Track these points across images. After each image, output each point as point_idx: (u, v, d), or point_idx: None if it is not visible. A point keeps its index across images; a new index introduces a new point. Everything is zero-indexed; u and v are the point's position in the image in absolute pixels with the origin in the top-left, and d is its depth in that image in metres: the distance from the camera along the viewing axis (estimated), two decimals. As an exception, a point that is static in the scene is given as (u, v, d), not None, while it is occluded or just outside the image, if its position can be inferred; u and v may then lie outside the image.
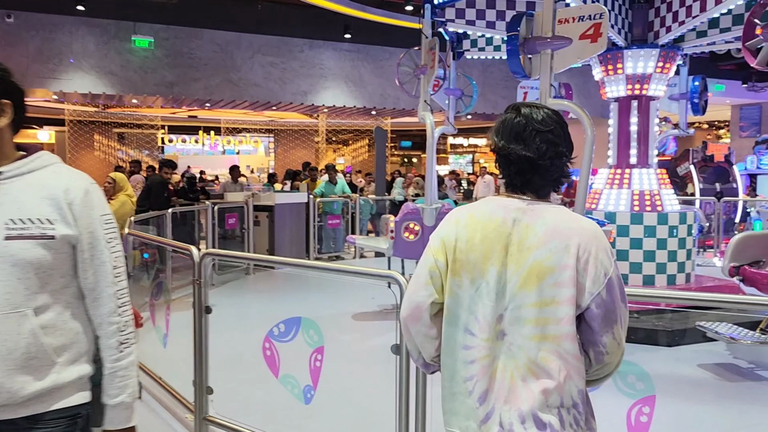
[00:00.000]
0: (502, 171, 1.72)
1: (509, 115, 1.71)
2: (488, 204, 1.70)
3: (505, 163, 1.70)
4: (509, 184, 1.71)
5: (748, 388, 4.63)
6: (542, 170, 1.66)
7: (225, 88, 13.47)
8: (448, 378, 1.68)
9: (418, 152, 36.04)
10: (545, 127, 1.65)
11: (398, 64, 7.60)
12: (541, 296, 1.56)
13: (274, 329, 3.34)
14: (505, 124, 1.70)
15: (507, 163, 1.69)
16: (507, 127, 1.69)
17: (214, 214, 8.90)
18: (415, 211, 6.87)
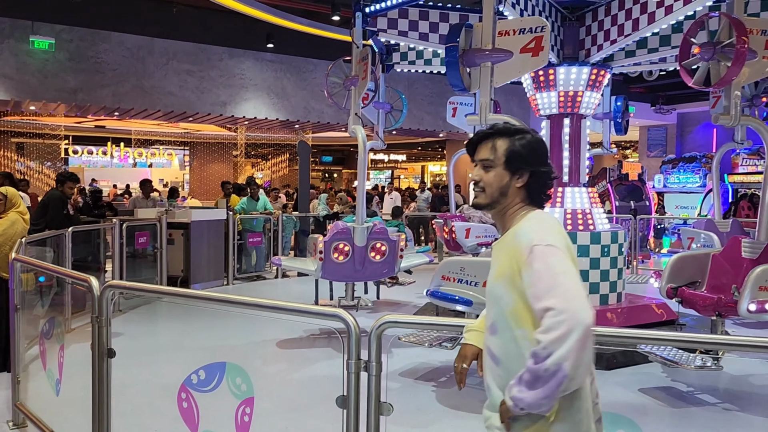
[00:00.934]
0: (541, 190, 1.91)
1: (534, 136, 1.92)
2: (550, 215, 1.92)
3: (547, 183, 1.92)
4: (543, 200, 1.92)
5: (694, 415, 4.50)
6: (548, 186, 1.94)
7: (135, 96, 12.55)
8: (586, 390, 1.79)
9: (339, 167, 35.76)
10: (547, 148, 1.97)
11: (327, 75, 7.19)
12: None
13: (192, 376, 2.81)
14: (535, 144, 1.90)
15: (548, 182, 1.91)
16: (538, 147, 1.91)
17: (122, 233, 8.11)
18: (345, 231, 6.45)
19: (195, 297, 2.80)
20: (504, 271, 1.80)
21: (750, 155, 15.52)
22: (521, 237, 1.77)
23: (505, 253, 1.82)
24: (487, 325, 1.90)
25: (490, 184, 1.89)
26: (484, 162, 1.91)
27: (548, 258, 1.67)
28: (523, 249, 1.72)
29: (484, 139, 1.93)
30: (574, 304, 1.59)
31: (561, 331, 1.56)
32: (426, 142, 26.76)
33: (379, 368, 2.35)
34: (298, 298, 8.91)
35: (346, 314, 2.35)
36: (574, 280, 1.65)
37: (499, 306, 1.82)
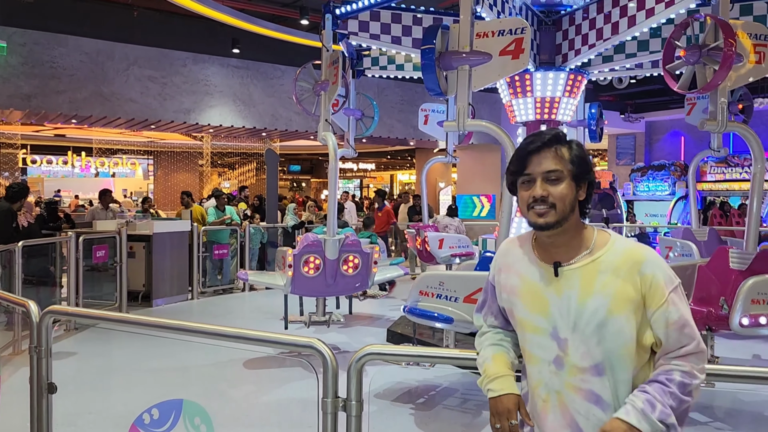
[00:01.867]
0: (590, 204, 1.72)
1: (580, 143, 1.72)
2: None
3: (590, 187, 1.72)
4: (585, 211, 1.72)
5: None
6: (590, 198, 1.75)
7: (95, 103, 12.00)
8: None
9: (307, 176, 35.33)
10: None
11: (295, 80, 6.86)
12: None
13: (144, 416, 2.44)
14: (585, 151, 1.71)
15: (590, 188, 1.72)
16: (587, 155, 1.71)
17: (78, 246, 7.62)
18: (316, 243, 6.11)
19: (148, 325, 2.44)
20: (627, 305, 1.58)
21: (718, 163, 15.67)
22: (656, 270, 1.60)
23: (625, 283, 1.59)
24: (583, 366, 1.60)
25: (562, 199, 1.63)
26: (550, 174, 1.64)
27: (684, 298, 1.64)
28: (662, 285, 1.59)
29: (545, 147, 1.66)
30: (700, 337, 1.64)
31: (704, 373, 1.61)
32: (395, 150, 26.56)
33: (360, 408, 2.04)
34: (266, 313, 8.53)
35: (321, 345, 2.03)
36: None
37: (616, 342, 1.58)
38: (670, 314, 1.56)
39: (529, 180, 1.67)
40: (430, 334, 6.31)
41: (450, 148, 9.12)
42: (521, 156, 1.68)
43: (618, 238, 1.66)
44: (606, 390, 1.58)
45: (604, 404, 1.58)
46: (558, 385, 1.63)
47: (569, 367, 1.61)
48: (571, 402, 1.61)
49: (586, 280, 1.61)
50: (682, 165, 17.23)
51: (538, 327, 1.66)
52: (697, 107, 7.64)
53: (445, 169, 21.67)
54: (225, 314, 8.77)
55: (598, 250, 1.63)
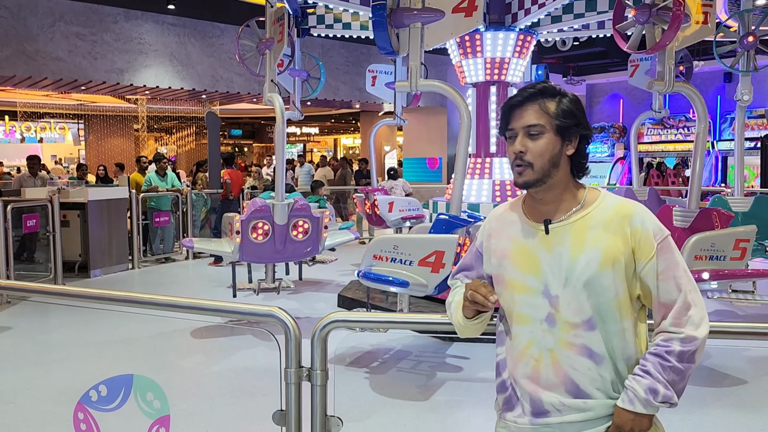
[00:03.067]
0: (586, 159, 1.66)
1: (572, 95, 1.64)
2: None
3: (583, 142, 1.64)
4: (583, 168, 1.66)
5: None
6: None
7: (18, 62, 11.18)
8: None
9: (249, 141, 34.50)
10: None
11: (238, 37, 6.55)
12: None
13: (91, 393, 2.29)
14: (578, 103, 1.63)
15: (584, 143, 1.65)
16: (581, 108, 1.64)
17: (6, 215, 7.17)
18: (264, 209, 5.93)
19: (93, 297, 2.26)
20: (616, 258, 1.55)
21: (655, 125, 16.17)
22: (645, 223, 1.57)
23: (614, 238, 1.56)
24: (573, 320, 1.58)
25: (541, 155, 1.58)
26: (530, 129, 1.59)
27: (675, 248, 1.59)
28: (650, 237, 1.56)
29: (528, 101, 1.60)
30: (699, 294, 1.59)
31: (706, 327, 1.55)
32: (340, 114, 26.19)
33: (325, 377, 1.96)
34: (213, 281, 8.32)
35: (283, 314, 1.93)
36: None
37: (603, 297, 1.56)
38: (658, 266, 1.55)
39: (512, 135, 1.63)
40: (383, 299, 6.29)
41: (398, 110, 9.00)
42: (504, 110, 1.65)
43: (608, 194, 1.64)
44: (599, 343, 1.57)
45: (598, 357, 1.58)
46: (551, 343, 1.60)
47: (561, 324, 1.59)
48: (566, 358, 1.59)
49: (577, 235, 1.58)
50: (621, 127, 17.72)
51: (529, 287, 1.62)
52: (640, 69, 7.78)
53: (390, 132, 21.53)
54: (169, 284, 8.51)
55: (589, 206, 1.60)
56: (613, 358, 1.58)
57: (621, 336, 1.58)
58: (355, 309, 6.30)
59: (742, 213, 6.42)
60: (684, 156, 15.72)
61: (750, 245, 4.75)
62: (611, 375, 1.58)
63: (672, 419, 3.87)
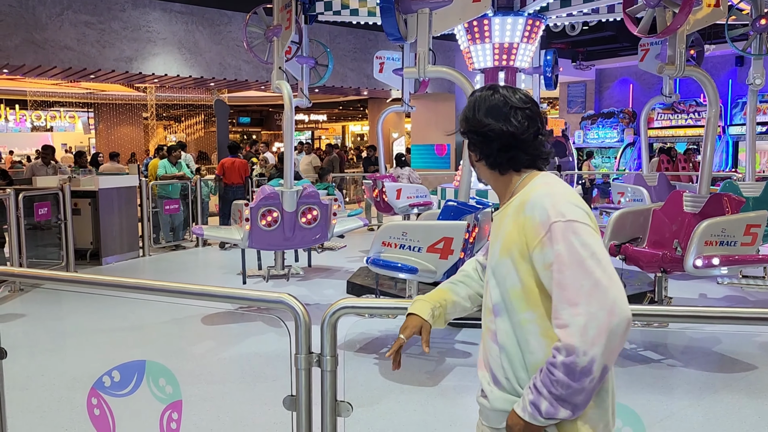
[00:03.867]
0: (483, 150, 1.64)
1: (484, 93, 1.65)
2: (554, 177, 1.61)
3: (484, 141, 1.62)
4: (494, 163, 1.63)
5: (641, 373, 4.43)
6: (526, 146, 1.60)
7: (27, 51, 11.21)
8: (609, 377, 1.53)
9: (258, 129, 34.50)
10: (524, 105, 1.61)
11: (246, 25, 6.54)
12: None
13: (104, 378, 2.33)
14: (480, 101, 1.63)
15: (487, 141, 1.62)
16: (484, 105, 1.62)
17: (18, 204, 7.23)
18: (273, 196, 5.96)
19: (106, 284, 2.29)
20: (511, 248, 1.53)
21: (665, 110, 16.01)
22: (534, 210, 1.48)
23: (513, 226, 1.54)
24: (488, 305, 1.62)
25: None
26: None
27: (571, 237, 1.41)
28: (537, 225, 1.46)
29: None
30: (611, 294, 1.37)
31: (597, 331, 1.35)
32: (347, 101, 26.11)
33: (335, 362, 1.97)
34: (223, 268, 8.37)
35: (293, 300, 1.94)
36: (605, 262, 1.40)
37: (504, 286, 1.56)
38: (545, 256, 1.44)
39: None
40: (392, 285, 6.31)
41: (406, 97, 8.97)
42: None
43: (537, 180, 1.58)
44: (503, 332, 1.56)
45: (500, 345, 1.56)
46: (483, 325, 1.68)
47: (484, 308, 1.67)
48: (486, 341, 1.63)
49: (498, 223, 1.63)
50: (631, 112, 17.56)
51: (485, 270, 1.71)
52: (650, 53, 7.68)
53: (398, 119, 21.47)
54: (180, 271, 8.57)
55: (516, 194, 1.62)
56: (515, 348, 1.53)
57: (522, 327, 1.53)
58: (364, 295, 6.33)
59: (753, 198, 6.37)
60: (695, 141, 15.59)
61: (761, 230, 4.72)
62: (516, 368, 1.53)
63: (681, 404, 3.89)
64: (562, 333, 1.39)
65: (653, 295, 5.17)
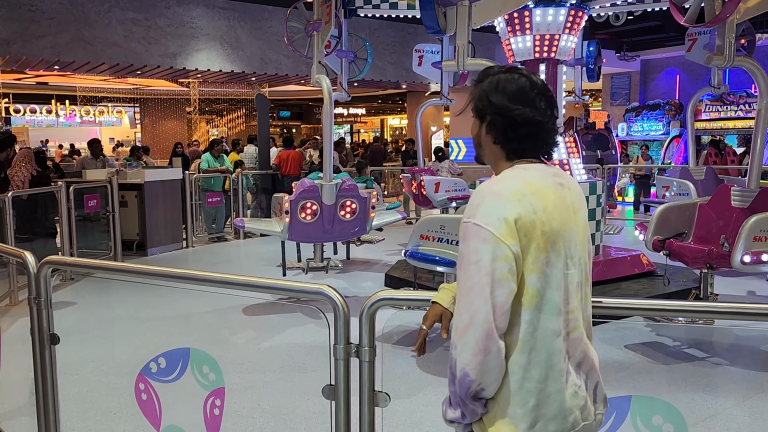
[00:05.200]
0: (506, 135, 1.56)
1: (508, 75, 1.57)
2: (530, 171, 1.54)
3: (510, 126, 1.55)
4: (517, 149, 1.57)
5: (685, 371, 4.34)
6: (547, 134, 1.58)
7: (77, 48, 11.59)
8: (539, 379, 1.46)
9: (297, 122, 34.82)
10: (546, 90, 1.57)
11: (286, 20, 6.61)
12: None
13: (151, 365, 2.42)
14: (505, 83, 1.55)
15: (513, 127, 1.55)
16: (510, 87, 1.55)
17: (70, 196, 7.50)
18: (313, 189, 6.02)
19: (154, 274, 2.38)
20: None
21: (713, 102, 15.51)
22: (467, 206, 1.52)
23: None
24: None
25: (473, 136, 1.65)
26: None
27: (470, 240, 1.43)
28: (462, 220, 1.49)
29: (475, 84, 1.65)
30: (476, 303, 1.39)
31: (459, 332, 1.42)
32: (386, 94, 26.12)
33: (373, 353, 2.00)
34: (264, 260, 8.51)
35: (332, 292, 1.98)
36: (485, 271, 1.39)
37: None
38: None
39: None
40: (430, 278, 6.32)
41: (445, 90, 8.94)
42: None
43: (506, 174, 1.54)
44: None
45: None
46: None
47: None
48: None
49: None
50: (677, 104, 17.06)
51: None
52: (698, 43, 7.45)
53: (436, 112, 21.36)
54: (222, 262, 8.75)
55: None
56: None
57: None
58: (402, 288, 6.35)
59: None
60: (745, 134, 15.06)
61: (813, 226, 4.55)
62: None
63: (725, 404, 3.80)
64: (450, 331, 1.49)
65: (698, 291, 5.05)
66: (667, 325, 5.08)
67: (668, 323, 4.78)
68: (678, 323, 4.54)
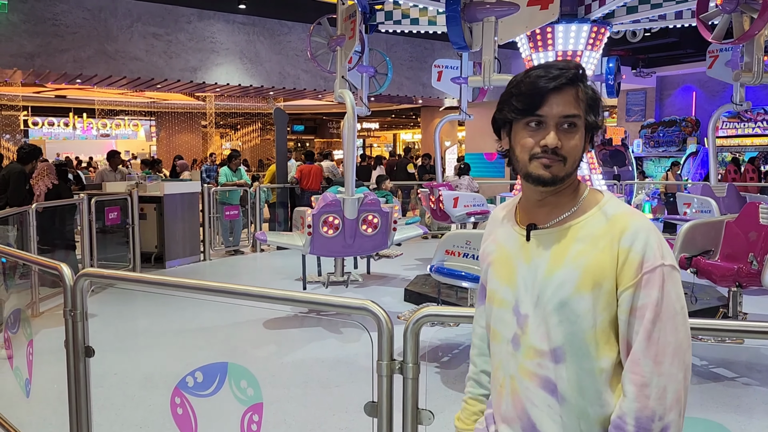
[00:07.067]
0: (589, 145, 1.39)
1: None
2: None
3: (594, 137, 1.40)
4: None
5: (714, 391, 4.27)
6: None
7: (99, 62, 11.75)
8: None
9: (311, 136, 35.00)
10: None
11: (310, 35, 6.67)
12: None
13: (187, 379, 2.41)
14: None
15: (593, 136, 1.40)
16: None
17: (91, 208, 7.56)
18: (335, 203, 6.03)
19: (192, 288, 2.38)
20: (596, 280, 1.27)
21: (730, 118, 15.43)
22: (637, 242, 1.26)
23: (607, 255, 1.28)
24: (541, 349, 1.33)
25: (575, 151, 1.32)
26: (568, 119, 1.30)
27: (670, 286, 1.25)
28: (638, 262, 1.25)
29: (567, 85, 1.30)
30: (689, 356, 1.28)
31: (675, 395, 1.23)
32: (400, 109, 26.22)
33: (417, 370, 2.00)
34: (282, 273, 8.52)
35: (376, 307, 1.97)
36: (687, 318, 1.28)
37: (577, 325, 1.29)
38: (637, 298, 1.25)
39: (539, 122, 1.32)
40: (451, 293, 6.29)
41: (464, 105, 8.95)
42: (536, 92, 1.30)
43: (611, 200, 1.35)
44: (563, 380, 1.30)
45: (560, 396, 1.31)
46: (513, 369, 1.37)
47: (525, 348, 1.35)
48: (525, 389, 1.35)
49: (559, 247, 1.33)
50: (694, 120, 17.00)
51: (504, 299, 1.40)
52: (719, 60, 7.44)
53: (451, 128, 21.40)
54: (241, 275, 8.77)
55: (583, 213, 1.34)
56: (581, 401, 1.30)
57: (594, 377, 1.29)
58: (424, 303, 6.32)
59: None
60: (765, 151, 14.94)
61: None
62: (576, 421, 1.30)
63: (761, 426, 3.72)
64: (637, 391, 1.23)
65: (726, 310, 4.99)
66: (693, 343, 5.01)
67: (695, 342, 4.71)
68: (705, 342, 4.47)
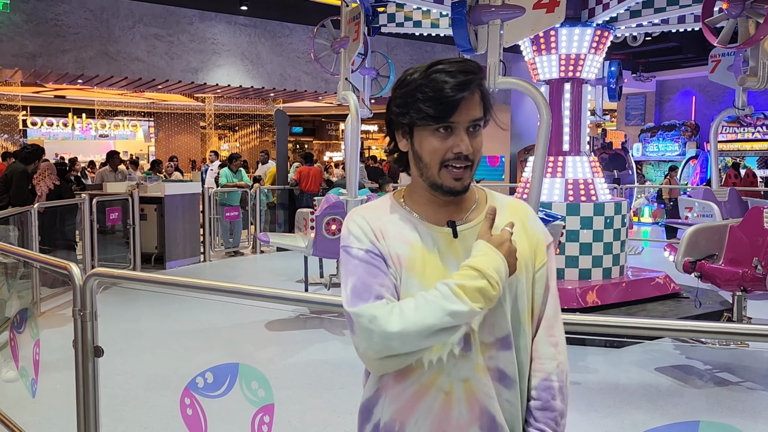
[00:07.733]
0: None
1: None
2: None
3: None
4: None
5: (719, 395, 4.27)
6: None
7: (101, 62, 11.73)
8: None
9: (310, 138, 34.97)
10: None
11: (313, 37, 6.67)
12: None
13: (197, 379, 2.40)
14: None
15: None
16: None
17: (92, 209, 7.55)
18: (338, 204, 6.04)
19: (202, 288, 2.37)
20: (525, 262, 1.34)
21: (730, 123, 15.48)
22: (536, 222, 1.42)
23: (525, 241, 1.35)
24: (488, 341, 1.30)
25: (480, 150, 1.32)
26: (474, 123, 1.28)
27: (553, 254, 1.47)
28: (543, 240, 1.41)
29: (476, 88, 1.27)
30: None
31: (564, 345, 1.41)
32: (400, 112, 26.18)
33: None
34: (283, 275, 8.51)
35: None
36: None
37: (520, 306, 1.34)
38: (550, 273, 1.39)
39: (449, 127, 1.26)
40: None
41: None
42: (447, 101, 1.23)
43: (490, 191, 1.43)
44: (511, 364, 1.32)
45: (508, 380, 1.32)
46: (467, 371, 1.28)
47: (477, 346, 1.29)
48: (482, 387, 1.29)
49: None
50: (693, 125, 17.04)
51: None
52: (721, 64, 7.45)
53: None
54: (242, 276, 8.76)
55: (484, 205, 1.37)
56: (521, 380, 1.34)
57: (527, 352, 1.36)
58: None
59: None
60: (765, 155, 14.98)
61: None
62: (517, 399, 1.33)
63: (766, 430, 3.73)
64: (555, 351, 1.37)
65: (730, 314, 4.99)
66: (697, 347, 5.02)
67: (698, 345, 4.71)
68: (709, 345, 4.48)
